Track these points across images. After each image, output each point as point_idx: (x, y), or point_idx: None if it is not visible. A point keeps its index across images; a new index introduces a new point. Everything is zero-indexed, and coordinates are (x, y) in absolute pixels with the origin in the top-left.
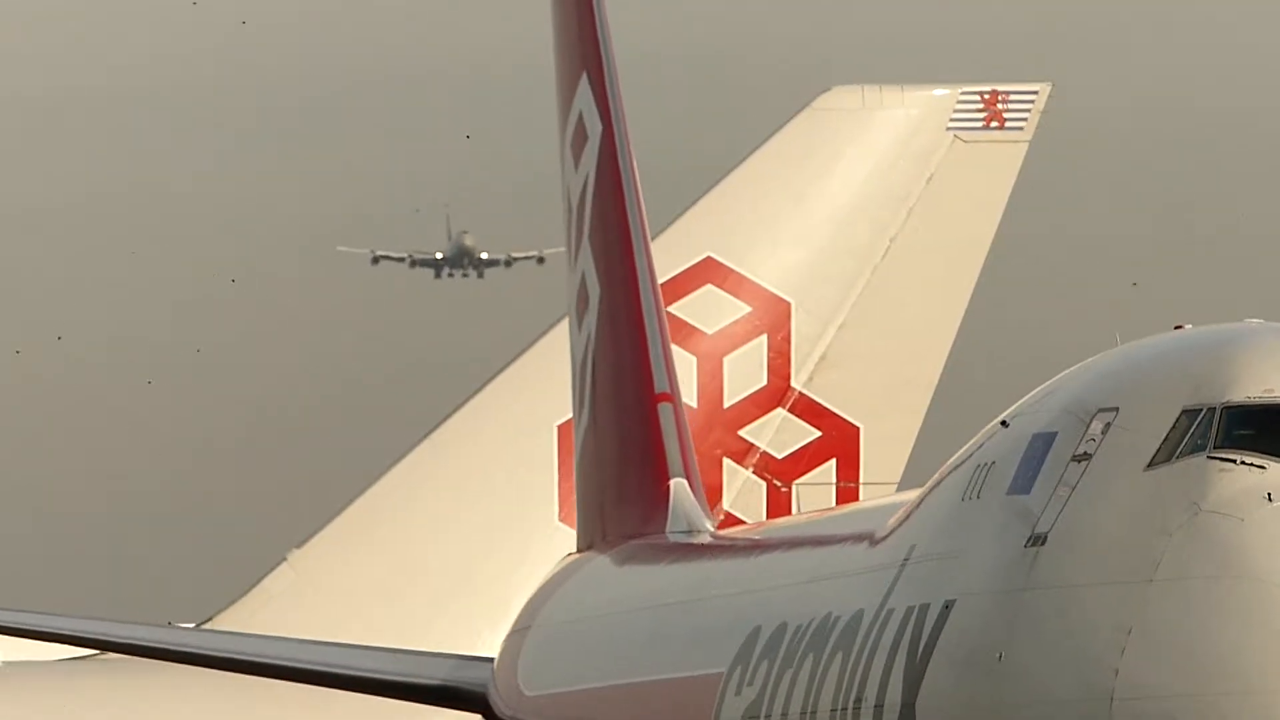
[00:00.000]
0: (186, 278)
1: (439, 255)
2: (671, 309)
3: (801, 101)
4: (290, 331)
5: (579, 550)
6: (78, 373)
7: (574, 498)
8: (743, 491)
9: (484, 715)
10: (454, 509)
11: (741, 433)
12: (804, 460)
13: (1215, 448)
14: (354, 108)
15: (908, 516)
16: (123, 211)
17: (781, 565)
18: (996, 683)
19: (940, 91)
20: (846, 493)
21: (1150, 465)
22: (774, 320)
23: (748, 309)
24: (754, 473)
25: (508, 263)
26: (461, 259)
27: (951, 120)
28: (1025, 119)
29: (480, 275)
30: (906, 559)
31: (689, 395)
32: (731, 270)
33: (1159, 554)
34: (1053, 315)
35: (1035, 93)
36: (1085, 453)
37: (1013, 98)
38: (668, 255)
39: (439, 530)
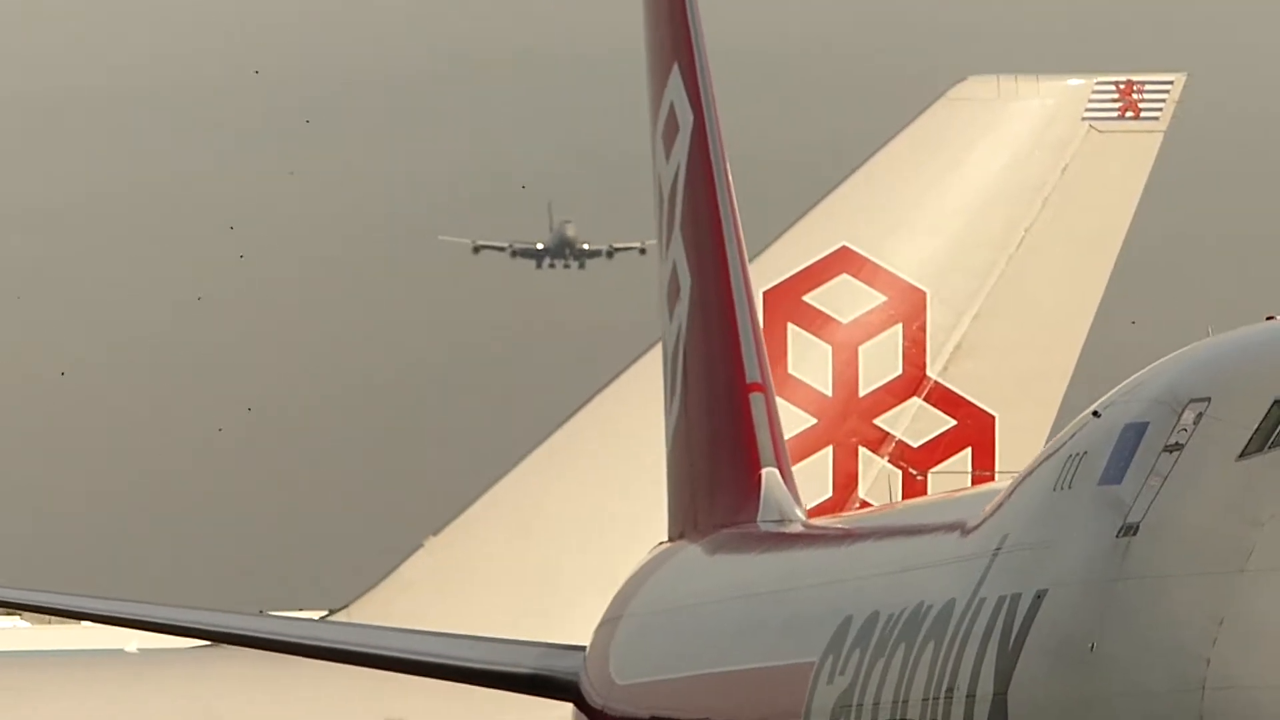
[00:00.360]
0: (301, 269)
1: (540, 245)
2: (807, 298)
3: (936, 91)
4: (395, 320)
5: (670, 539)
6: (200, 366)
7: None
8: (878, 480)
9: (575, 704)
10: (591, 496)
11: (877, 421)
12: (939, 449)
13: None
14: (457, 94)
15: (999, 506)
16: (222, 201)
17: (873, 554)
18: (1088, 673)
19: (1075, 81)
20: (982, 481)
21: (1242, 455)
22: (909, 309)
23: (883, 298)
24: (889, 461)
25: (609, 253)
26: (563, 249)
27: (1086, 110)
28: (1160, 109)
29: (581, 266)
30: (998, 549)
31: (824, 384)
32: (867, 260)
33: (1251, 544)
34: (1188, 306)
35: (1170, 83)
36: (1177, 443)
37: (1148, 87)
38: (803, 244)
39: (577, 517)
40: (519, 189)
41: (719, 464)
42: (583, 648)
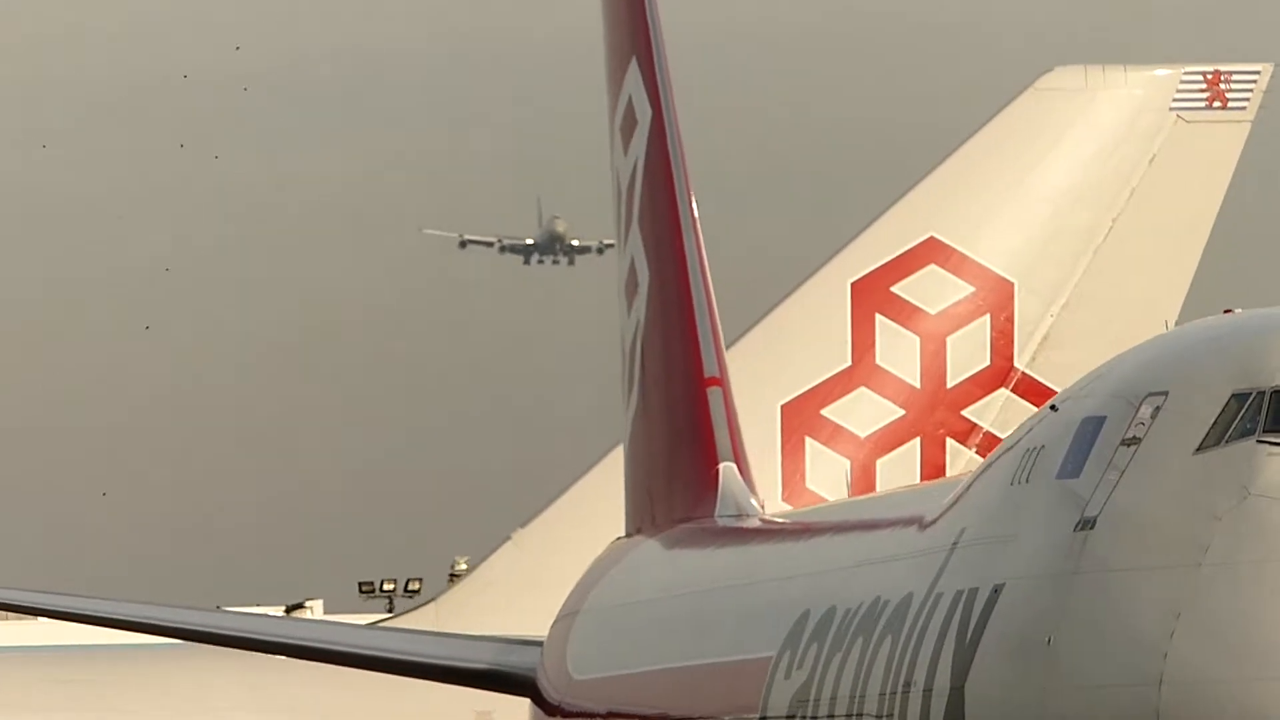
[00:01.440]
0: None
1: (529, 241)
2: (895, 289)
3: (1024, 82)
4: (376, 317)
5: (627, 534)
6: (182, 367)
7: (796, 477)
8: (966, 471)
9: (532, 699)
10: None
11: (964, 412)
12: None
13: (1265, 431)
14: (444, 84)
15: (957, 500)
16: (205, 195)
17: (830, 549)
18: (1045, 666)
19: (1162, 71)
20: None
21: (1199, 449)
22: (997, 300)
23: (971, 289)
24: (977, 453)
25: (600, 250)
26: (553, 245)
27: (1174, 100)
28: (1248, 99)
29: (571, 262)
30: (956, 543)
31: (912, 375)
32: (955, 250)
33: (1208, 538)
34: (1275, 296)
35: (1258, 72)
36: (1134, 436)
37: (1235, 78)
38: (891, 235)
39: None
40: (507, 182)
41: (676, 459)
42: (540, 643)
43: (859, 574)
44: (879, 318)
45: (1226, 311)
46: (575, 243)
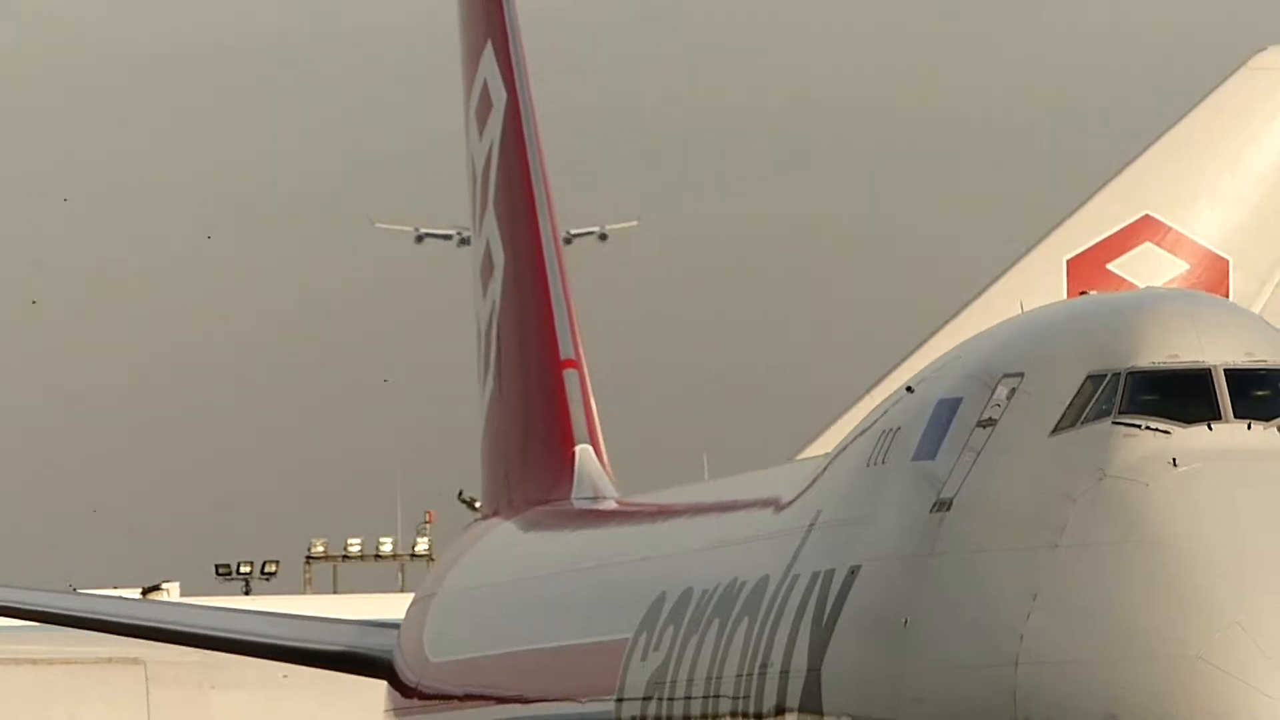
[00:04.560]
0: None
1: None
2: (1110, 266)
3: (1237, 61)
4: (329, 317)
5: (484, 516)
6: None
7: None
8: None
9: (390, 682)
10: None
11: None
12: None
13: (1120, 413)
14: (399, 77)
15: (813, 482)
16: (139, 187)
17: (687, 531)
18: (902, 647)
19: None
20: None
21: (1055, 430)
22: (1212, 279)
23: (1186, 266)
24: None
25: (567, 240)
26: None
27: None
28: None
29: None
30: (812, 524)
31: None
32: (1170, 228)
33: (1064, 519)
34: None
35: None
36: (990, 418)
37: None
38: (1106, 213)
39: None
40: (462, 173)
41: (532, 441)
42: (397, 625)
43: (715, 555)
44: None
45: (1082, 293)
46: None
